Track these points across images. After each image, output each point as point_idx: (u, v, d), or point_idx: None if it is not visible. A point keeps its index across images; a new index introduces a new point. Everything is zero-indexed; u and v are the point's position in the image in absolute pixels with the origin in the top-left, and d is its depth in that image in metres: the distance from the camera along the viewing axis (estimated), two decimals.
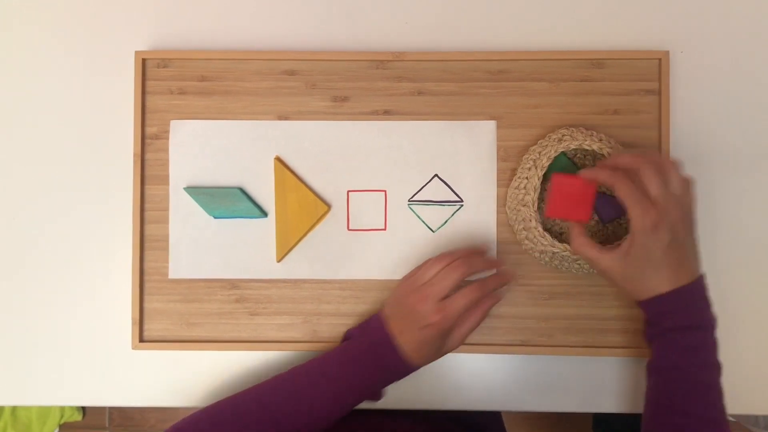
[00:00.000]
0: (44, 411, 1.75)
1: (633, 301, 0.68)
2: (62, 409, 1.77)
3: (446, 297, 0.68)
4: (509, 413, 1.65)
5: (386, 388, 0.75)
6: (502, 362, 0.81)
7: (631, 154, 0.65)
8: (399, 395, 0.80)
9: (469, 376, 0.81)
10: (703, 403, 0.64)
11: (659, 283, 0.64)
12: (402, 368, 0.71)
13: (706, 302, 0.66)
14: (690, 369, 0.65)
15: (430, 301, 0.68)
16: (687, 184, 0.65)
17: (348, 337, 0.76)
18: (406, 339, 0.69)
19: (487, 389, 0.80)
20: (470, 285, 0.69)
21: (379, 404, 0.80)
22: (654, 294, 0.65)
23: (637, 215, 0.62)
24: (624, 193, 0.63)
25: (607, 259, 0.66)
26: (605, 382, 0.80)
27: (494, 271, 0.76)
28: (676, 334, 0.65)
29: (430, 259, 0.72)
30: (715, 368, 0.66)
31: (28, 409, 1.74)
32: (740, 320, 0.80)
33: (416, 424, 0.84)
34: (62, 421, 1.79)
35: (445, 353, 0.72)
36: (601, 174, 0.66)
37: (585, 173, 0.67)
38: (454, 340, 0.71)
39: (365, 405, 0.73)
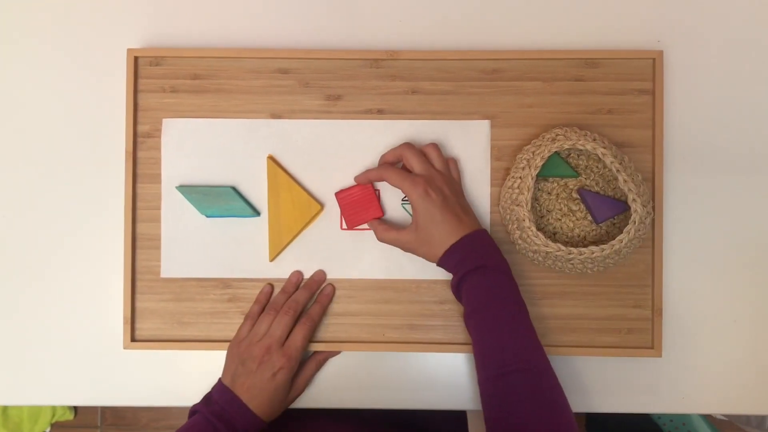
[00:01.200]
0: (35, 410, 1.74)
1: (435, 263, 0.74)
2: (54, 408, 1.76)
3: (285, 341, 0.75)
4: None
5: None
6: None
7: (393, 149, 0.77)
8: (388, 394, 0.80)
9: (462, 376, 0.81)
10: (514, 335, 0.68)
11: (446, 237, 0.71)
12: (252, 425, 0.72)
13: (494, 248, 0.73)
14: (495, 303, 0.70)
15: (273, 348, 0.73)
16: (447, 162, 0.77)
17: (194, 412, 0.74)
18: (255, 395, 0.72)
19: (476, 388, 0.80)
20: (301, 321, 0.76)
21: (370, 402, 0.81)
22: (445, 248, 0.71)
23: (408, 188, 0.72)
24: (394, 177, 0.73)
25: (404, 234, 0.74)
26: (598, 381, 0.80)
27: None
28: (474, 275, 0.70)
29: (249, 315, 0.78)
30: (519, 303, 0.71)
31: (19, 408, 1.73)
32: (730, 320, 0.80)
33: (358, 426, 0.84)
34: (54, 420, 1.78)
35: (290, 401, 0.78)
36: (370, 174, 0.77)
37: (358, 178, 0.78)
38: (295, 389, 0.77)
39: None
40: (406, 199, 0.80)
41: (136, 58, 0.80)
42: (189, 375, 0.81)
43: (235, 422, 0.71)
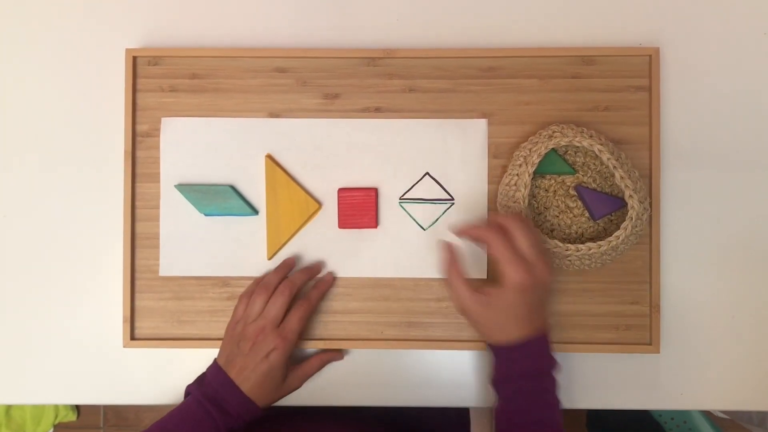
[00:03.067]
0: (38, 411, 1.75)
1: (484, 341, 0.71)
2: (56, 408, 1.77)
3: (281, 323, 0.73)
4: None
5: None
6: None
7: (502, 215, 0.69)
8: (387, 391, 0.80)
9: (460, 373, 0.81)
10: None
11: (514, 331, 0.68)
12: (245, 409, 0.71)
13: (548, 354, 0.70)
14: (532, 410, 0.68)
15: (268, 329, 0.72)
16: (540, 244, 0.69)
17: (188, 393, 0.74)
18: (247, 376, 0.71)
19: (479, 386, 0.80)
20: (299, 302, 0.74)
21: (369, 400, 0.81)
22: (507, 341, 0.68)
23: (510, 273, 0.65)
24: (498, 249, 0.66)
25: (471, 299, 0.68)
26: (596, 378, 0.80)
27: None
28: (523, 380, 0.68)
29: (242, 297, 0.76)
30: (553, 407, 0.69)
31: (22, 409, 1.74)
32: (728, 315, 0.80)
33: (358, 426, 0.84)
34: (57, 421, 1.79)
35: (286, 391, 0.75)
36: (473, 231, 0.70)
37: (458, 231, 0.71)
38: (291, 380, 0.75)
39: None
40: (405, 196, 0.80)
41: (134, 58, 0.80)
42: (188, 373, 0.81)
43: (227, 405, 0.70)
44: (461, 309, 0.71)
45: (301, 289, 0.77)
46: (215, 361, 0.75)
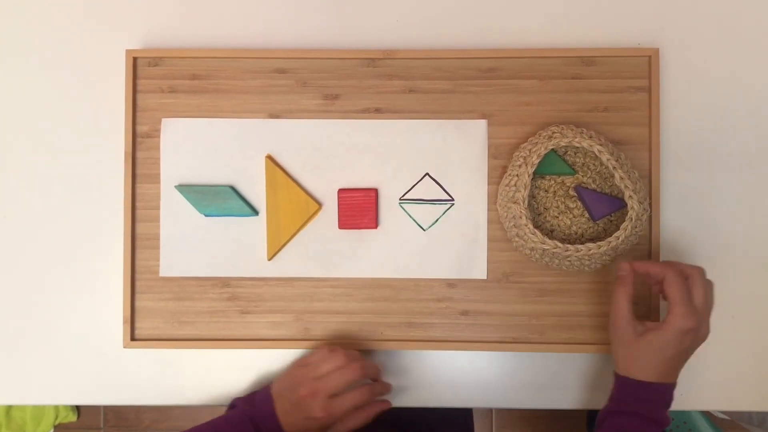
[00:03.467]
0: (38, 411, 1.75)
1: (616, 369, 0.71)
2: (57, 409, 1.77)
3: (336, 395, 0.71)
4: (502, 412, 1.65)
5: None
6: (494, 359, 0.81)
7: (686, 265, 0.70)
8: (395, 394, 0.80)
9: (460, 373, 0.81)
10: None
11: (654, 373, 0.68)
12: None
13: (669, 404, 0.70)
14: None
15: (319, 396, 0.70)
16: (712, 300, 0.70)
17: (233, 405, 0.75)
18: (289, 422, 0.71)
19: (479, 387, 0.81)
20: (360, 388, 0.73)
21: None
22: (642, 378, 0.68)
23: (679, 315, 0.66)
24: (675, 289, 0.67)
25: (629, 323, 0.69)
26: (597, 378, 0.80)
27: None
28: (639, 420, 0.68)
29: (325, 348, 0.74)
30: None
31: (22, 409, 1.74)
32: (728, 316, 0.80)
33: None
34: (57, 422, 1.79)
35: None
36: (652, 268, 0.70)
37: (638, 266, 0.71)
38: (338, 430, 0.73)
39: None
40: (405, 197, 0.80)
41: (134, 59, 0.81)
42: (188, 374, 0.81)
43: (263, 428, 0.70)
44: (614, 327, 0.71)
45: (372, 377, 0.76)
46: (270, 385, 0.75)
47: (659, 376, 0.68)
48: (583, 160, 0.77)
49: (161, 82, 0.81)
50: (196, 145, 0.81)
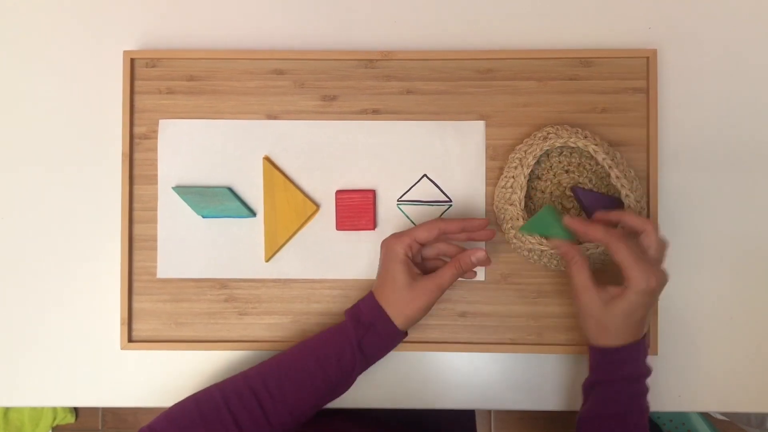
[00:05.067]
0: (36, 413, 1.75)
1: (586, 341, 0.70)
2: (55, 411, 1.77)
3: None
4: (499, 413, 1.65)
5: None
6: (492, 361, 0.81)
7: (634, 215, 0.67)
8: (386, 393, 0.80)
9: (458, 375, 0.81)
10: None
11: (626, 336, 0.67)
12: (376, 316, 0.70)
13: (646, 354, 0.70)
14: (629, 416, 0.68)
15: (403, 235, 0.70)
16: (665, 248, 0.68)
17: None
18: (378, 281, 0.72)
19: (477, 388, 0.80)
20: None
21: (367, 402, 0.81)
22: (614, 344, 0.67)
23: (635, 276, 0.63)
24: (624, 254, 0.64)
25: (592, 292, 0.66)
26: None
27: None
28: (624, 383, 0.68)
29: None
30: (647, 411, 0.69)
31: (20, 411, 1.73)
32: (726, 317, 0.80)
33: (371, 425, 0.84)
34: (55, 424, 1.78)
35: (420, 300, 0.69)
36: (593, 231, 0.66)
37: (573, 224, 0.68)
38: (422, 283, 0.69)
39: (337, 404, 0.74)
40: (403, 198, 0.80)
41: (132, 60, 0.80)
42: (186, 375, 0.81)
43: (359, 311, 0.71)
44: (578, 301, 0.68)
45: (453, 230, 0.71)
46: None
47: (632, 336, 0.67)
48: (578, 161, 0.77)
49: (159, 83, 0.81)
50: (194, 147, 0.81)
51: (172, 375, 0.81)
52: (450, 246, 0.74)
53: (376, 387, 0.81)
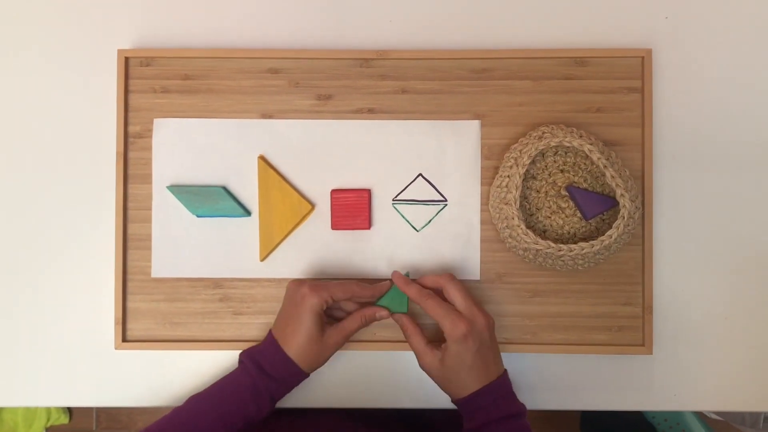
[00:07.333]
0: (30, 413, 1.74)
1: (451, 399, 0.73)
2: (48, 411, 1.76)
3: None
4: None
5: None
6: None
7: (433, 276, 0.73)
8: (384, 394, 0.80)
9: None
10: None
11: (471, 383, 0.69)
12: (287, 371, 0.72)
13: (512, 394, 0.72)
14: None
15: (306, 286, 0.72)
16: (469, 294, 0.72)
17: (240, 361, 0.76)
18: (284, 330, 0.72)
19: None
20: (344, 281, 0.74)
21: (361, 401, 0.80)
22: (468, 392, 0.69)
23: (447, 327, 0.69)
24: (432, 308, 0.70)
25: (429, 356, 0.71)
26: (590, 379, 0.80)
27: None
28: (491, 426, 0.69)
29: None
30: None
31: (13, 411, 1.73)
32: (721, 317, 0.80)
33: (368, 422, 0.84)
34: (49, 424, 1.78)
35: (327, 349, 0.73)
36: (409, 290, 0.73)
37: (397, 280, 0.75)
38: (331, 334, 0.73)
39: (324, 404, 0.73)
40: (398, 197, 0.80)
41: (126, 59, 0.80)
42: (181, 375, 0.81)
43: (267, 366, 0.72)
44: (424, 367, 0.73)
45: (363, 294, 0.75)
46: (271, 328, 0.76)
47: (482, 380, 0.69)
48: (574, 160, 0.77)
49: (153, 82, 0.81)
50: (189, 146, 0.80)
51: (167, 375, 0.81)
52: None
53: (370, 387, 0.81)
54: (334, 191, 0.79)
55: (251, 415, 0.70)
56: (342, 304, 0.76)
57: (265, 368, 0.71)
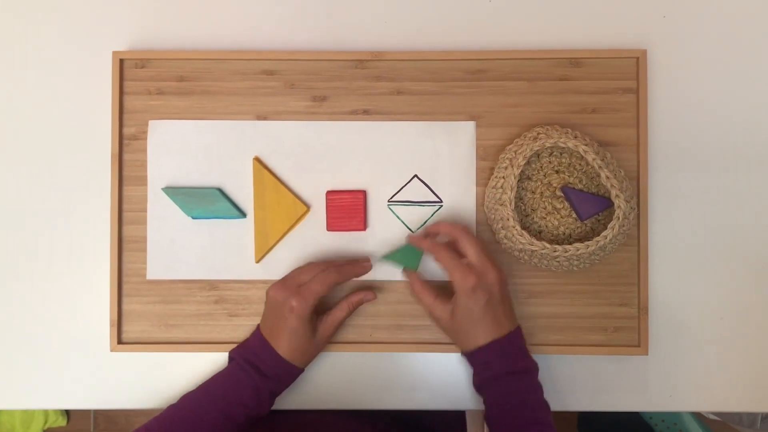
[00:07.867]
0: (28, 416, 1.74)
1: (460, 352, 0.74)
2: (46, 413, 1.76)
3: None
4: None
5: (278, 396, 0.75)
6: None
7: (448, 224, 0.74)
8: (381, 395, 0.80)
9: (450, 376, 0.80)
10: None
11: (480, 336, 0.70)
12: (283, 370, 0.72)
13: (524, 350, 0.72)
14: (522, 410, 0.69)
15: (292, 292, 0.71)
16: (484, 248, 0.72)
17: (231, 358, 0.76)
18: (277, 336, 0.72)
19: (469, 389, 0.80)
20: (325, 269, 0.72)
21: (357, 403, 0.80)
22: (476, 346, 0.70)
23: (457, 279, 0.69)
24: (444, 259, 0.71)
25: (439, 308, 0.72)
26: (585, 380, 0.80)
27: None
28: (501, 380, 0.70)
29: (300, 266, 0.75)
30: (545, 407, 0.71)
31: (11, 414, 1.72)
32: (717, 317, 0.80)
33: (365, 422, 0.84)
34: (46, 426, 1.77)
35: (320, 344, 0.75)
36: (422, 242, 0.74)
37: (412, 239, 0.76)
38: (322, 330, 0.74)
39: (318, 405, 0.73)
40: (394, 199, 0.80)
41: (121, 61, 0.80)
42: (176, 377, 0.81)
43: (264, 366, 0.72)
44: (433, 319, 0.75)
45: (344, 279, 0.75)
46: (258, 325, 0.76)
47: (491, 334, 0.70)
48: (569, 161, 0.77)
49: (148, 84, 0.81)
50: (184, 147, 0.80)
51: (163, 377, 0.81)
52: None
53: (366, 388, 0.81)
54: (329, 192, 0.79)
55: (252, 410, 0.71)
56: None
57: (261, 369, 0.72)
